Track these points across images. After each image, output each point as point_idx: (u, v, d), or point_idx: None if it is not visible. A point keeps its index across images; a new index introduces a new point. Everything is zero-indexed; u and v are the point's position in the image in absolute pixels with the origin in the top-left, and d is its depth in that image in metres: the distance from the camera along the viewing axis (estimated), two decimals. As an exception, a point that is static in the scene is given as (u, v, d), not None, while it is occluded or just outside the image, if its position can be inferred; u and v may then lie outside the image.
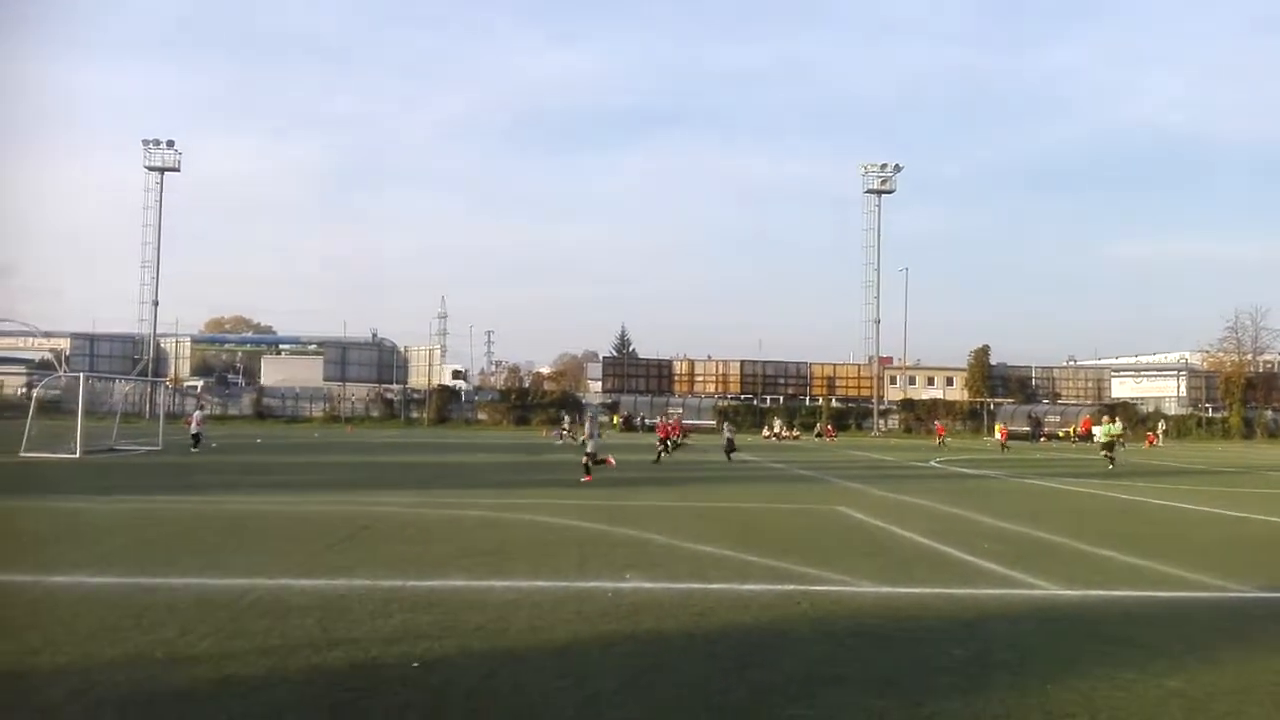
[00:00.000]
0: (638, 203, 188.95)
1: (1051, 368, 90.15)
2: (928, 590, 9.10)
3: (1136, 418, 77.99)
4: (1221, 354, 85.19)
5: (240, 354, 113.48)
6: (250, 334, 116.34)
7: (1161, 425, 72.64)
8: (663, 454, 31.70)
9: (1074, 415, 76.14)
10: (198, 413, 34.13)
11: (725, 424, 39.98)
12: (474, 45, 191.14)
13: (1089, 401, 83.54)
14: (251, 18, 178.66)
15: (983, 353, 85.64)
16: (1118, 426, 35.19)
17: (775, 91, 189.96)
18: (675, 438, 34.80)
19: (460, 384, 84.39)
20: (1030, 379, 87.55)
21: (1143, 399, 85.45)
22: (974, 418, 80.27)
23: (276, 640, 6.65)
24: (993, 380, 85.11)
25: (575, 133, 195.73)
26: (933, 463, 34.53)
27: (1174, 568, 10.75)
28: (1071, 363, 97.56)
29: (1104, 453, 33.28)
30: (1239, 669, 6.51)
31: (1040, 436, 71.25)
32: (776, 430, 61.94)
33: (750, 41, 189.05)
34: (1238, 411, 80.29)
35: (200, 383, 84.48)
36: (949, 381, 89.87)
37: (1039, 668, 6.43)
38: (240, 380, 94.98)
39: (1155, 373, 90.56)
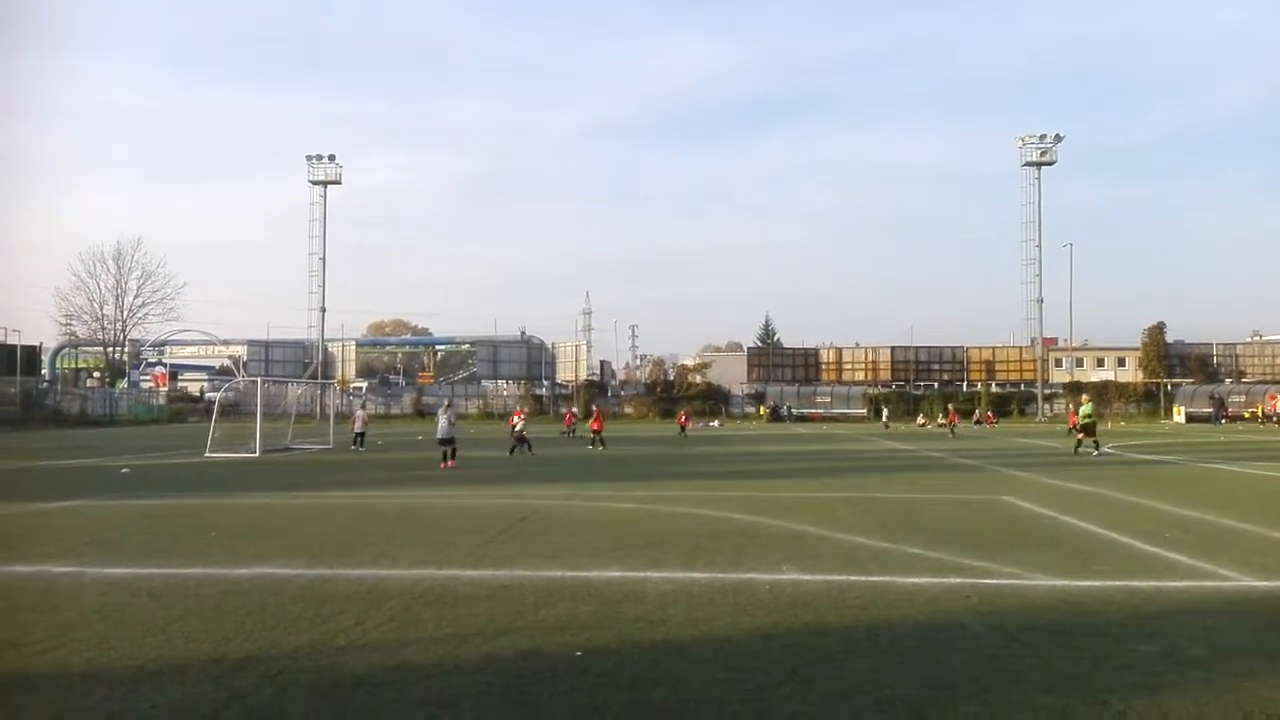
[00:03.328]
0: (778, 192, 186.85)
1: (1234, 344, 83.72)
2: (1107, 583, 8.59)
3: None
4: None
5: (400, 355, 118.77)
6: (409, 336, 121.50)
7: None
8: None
9: (1260, 394, 70.54)
10: (360, 412, 35.92)
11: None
12: (607, 44, 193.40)
13: (1277, 379, 77.19)
14: (396, 33, 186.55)
15: (1158, 330, 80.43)
16: (1093, 406, 30.71)
17: (917, 71, 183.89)
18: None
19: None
20: (1211, 356, 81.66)
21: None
22: (1150, 399, 75.56)
23: (448, 629, 6.89)
24: (1170, 359, 79.86)
25: (712, 126, 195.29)
26: (1106, 449, 32.67)
27: (1390, 558, 9.80)
28: (1257, 338, 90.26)
29: (1080, 435, 28.53)
30: None
31: (1223, 418, 66.33)
32: (885, 419, 56.58)
33: (887, 22, 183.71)
34: None
35: (365, 384, 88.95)
36: (1120, 362, 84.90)
37: (1233, 664, 5.99)
38: (401, 380, 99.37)
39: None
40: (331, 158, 78.80)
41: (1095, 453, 27.74)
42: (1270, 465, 23.92)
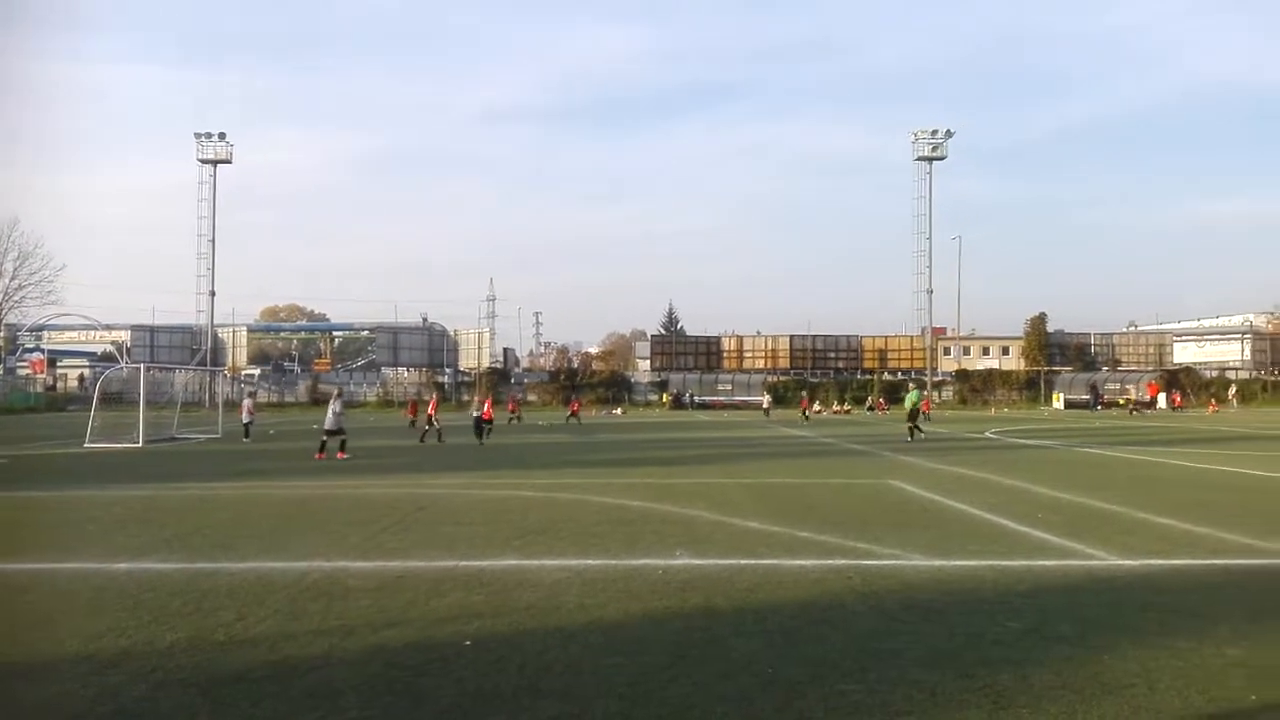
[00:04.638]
0: (682, 181, 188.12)
1: (1111, 334, 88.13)
2: (982, 563, 8.99)
3: (1199, 383, 76.04)
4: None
5: (295, 341, 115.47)
6: (304, 322, 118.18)
7: (1233, 390, 70.73)
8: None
9: (1134, 381, 74.49)
10: (247, 400, 34.91)
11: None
12: (518, 26, 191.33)
13: (1150, 368, 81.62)
14: (297, 10, 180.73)
15: (1040, 320, 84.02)
16: (918, 394, 31.78)
17: (821, 63, 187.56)
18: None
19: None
20: (1089, 346, 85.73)
21: (1206, 364, 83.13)
22: (1031, 386, 78.92)
23: (334, 621, 6.79)
24: (1050, 348, 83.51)
25: (618, 113, 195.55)
26: (988, 433, 34.04)
27: (1236, 535, 10.52)
28: (1132, 328, 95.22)
29: (908, 424, 29.34)
30: (1305, 638, 6.35)
31: (1099, 404, 69.77)
32: (766, 406, 57.80)
33: (794, 14, 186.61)
34: (1306, 374, 77.77)
35: (257, 371, 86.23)
36: (1005, 351, 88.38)
37: (1096, 639, 6.33)
38: (296, 367, 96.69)
39: (1218, 336, 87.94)
40: (222, 135, 75.91)
41: (910, 439, 28.54)
42: (1140, 449, 25.31)
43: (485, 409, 31.18)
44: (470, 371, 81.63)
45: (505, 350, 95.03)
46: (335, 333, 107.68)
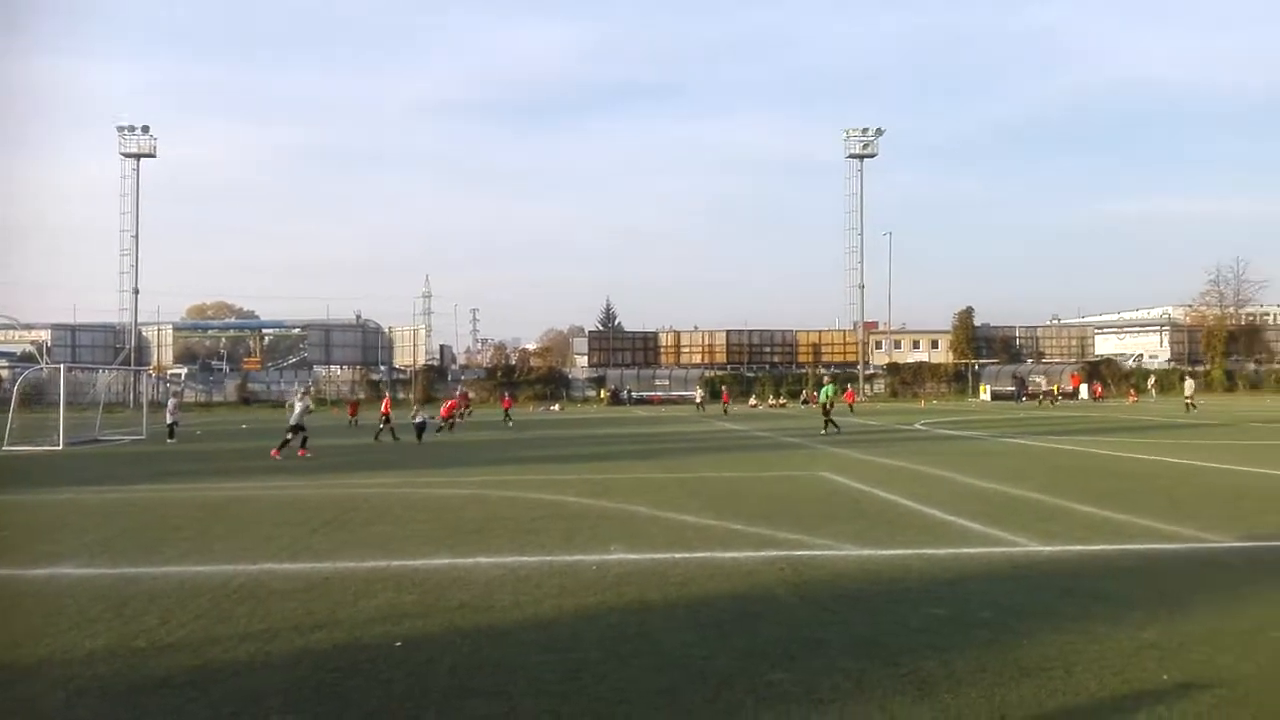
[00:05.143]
0: (620, 178, 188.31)
1: (1035, 327, 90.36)
2: (909, 552, 9.18)
3: (1120, 374, 78.50)
4: (1204, 308, 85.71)
5: (223, 340, 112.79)
6: (233, 319, 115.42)
7: (1151, 380, 73.10)
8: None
9: (1058, 374, 76.60)
10: (172, 400, 34.11)
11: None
12: (453, 21, 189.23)
13: (1073, 360, 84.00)
14: (226, 1, 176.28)
15: (967, 314, 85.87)
16: (833, 388, 32.40)
17: (755, 62, 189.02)
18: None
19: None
20: (1014, 339, 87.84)
21: (1125, 355, 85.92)
22: (960, 379, 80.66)
23: (260, 625, 6.66)
24: (977, 341, 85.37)
25: (554, 109, 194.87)
26: (917, 425, 34.70)
27: (1151, 520, 10.90)
28: (1055, 322, 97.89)
29: (824, 417, 29.60)
30: (1212, 619, 6.62)
31: (1024, 396, 71.58)
32: (699, 401, 59.90)
33: (729, 11, 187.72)
34: (1220, 365, 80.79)
35: (184, 371, 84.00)
36: (934, 344, 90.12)
37: (1016, 624, 6.51)
38: (225, 366, 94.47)
39: (1138, 329, 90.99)
40: (145, 129, 73.82)
41: (824, 431, 28.95)
42: (1062, 439, 26.05)
43: (445, 408, 33.41)
44: (406, 369, 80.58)
45: (442, 347, 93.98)
46: (265, 330, 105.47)
